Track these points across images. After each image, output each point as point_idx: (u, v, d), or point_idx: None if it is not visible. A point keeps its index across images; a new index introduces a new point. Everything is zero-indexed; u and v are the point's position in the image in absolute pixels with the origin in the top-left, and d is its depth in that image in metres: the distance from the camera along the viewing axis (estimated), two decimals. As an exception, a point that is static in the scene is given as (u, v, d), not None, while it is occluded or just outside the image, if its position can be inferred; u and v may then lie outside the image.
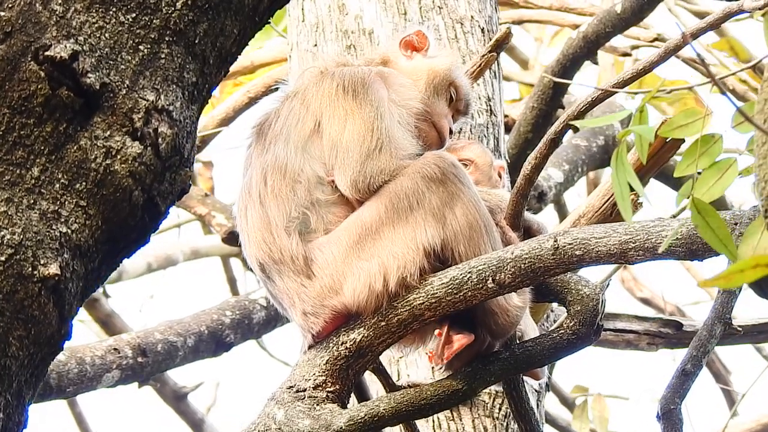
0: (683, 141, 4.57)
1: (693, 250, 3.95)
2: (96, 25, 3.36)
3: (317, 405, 4.13)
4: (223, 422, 10.63)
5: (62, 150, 3.33)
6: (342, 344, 4.18)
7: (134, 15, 3.40)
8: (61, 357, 6.80)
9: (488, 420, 5.38)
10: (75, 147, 3.34)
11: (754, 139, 3.00)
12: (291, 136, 4.32)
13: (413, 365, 5.43)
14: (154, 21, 3.41)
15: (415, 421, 4.53)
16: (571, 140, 8.38)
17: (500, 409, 5.39)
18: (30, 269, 3.28)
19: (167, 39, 3.43)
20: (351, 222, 4.24)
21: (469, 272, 4.11)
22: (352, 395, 4.30)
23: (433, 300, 4.14)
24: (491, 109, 5.83)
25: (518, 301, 4.23)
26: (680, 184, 3.43)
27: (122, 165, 3.38)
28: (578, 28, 7.88)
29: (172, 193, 3.51)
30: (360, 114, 4.29)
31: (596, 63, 8.13)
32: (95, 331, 9.82)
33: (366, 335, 4.17)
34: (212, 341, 7.65)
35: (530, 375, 4.51)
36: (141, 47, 3.40)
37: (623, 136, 3.28)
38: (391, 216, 4.20)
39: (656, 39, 8.59)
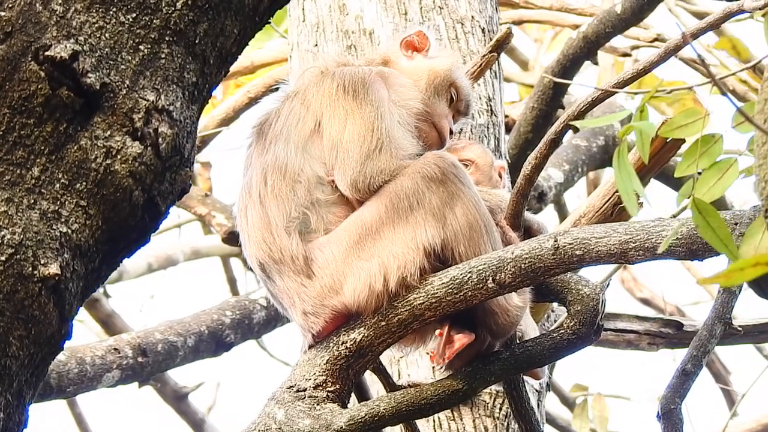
0: (684, 141, 4.57)
1: (693, 250, 3.95)
2: (96, 25, 3.36)
3: (317, 405, 4.13)
4: (224, 422, 10.63)
5: (62, 150, 3.33)
6: (342, 344, 4.18)
7: (134, 15, 3.40)
8: (62, 357, 6.80)
9: (489, 420, 5.38)
10: (75, 147, 3.34)
11: (755, 139, 3.00)
12: (291, 136, 4.31)
13: (414, 365, 5.42)
14: (155, 21, 3.41)
15: (416, 421, 4.53)
16: (571, 140, 8.37)
17: (501, 409, 5.39)
18: (30, 269, 3.28)
19: (167, 39, 3.43)
20: (351, 222, 4.24)
21: (470, 272, 4.11)
22: (353, 395, 4.30)
23: (434, 300, 4.14)
24: (492, 110, 5.83)
25: (518, 301, 4.23)
26: (680, 185, 3.43)
27: (122, 165, 3.38)
28: (578, 29, 7.87)
29: (173, 193, 3.51)
30: (360, 114, 4.29)
31: (596, 63, 8.12)
32: (96, 332, 9.81)
33: (366, 335, 4.17)
34: (212, 341, 7.65)
35: (530, 375, 4.50)
36: (141, 47, 3.40)
37: (624, 134, 3.28)
38: (392, 216, 4.20)
39: (656, 39, 8.59)
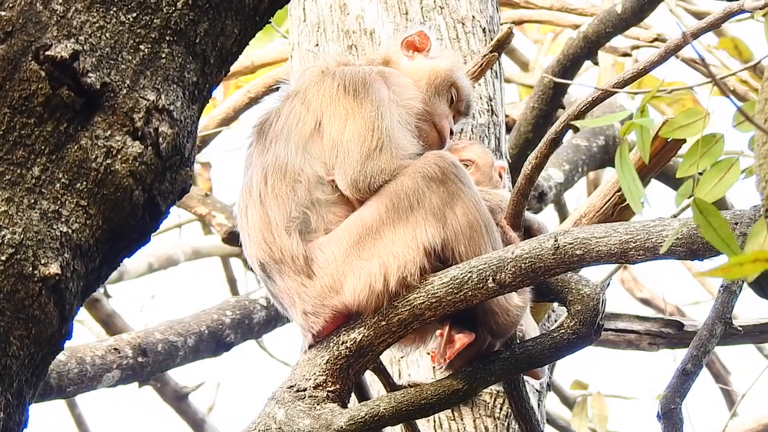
0: (684, 141, 4.57)
1: (694, 250, 3.95)
2: (97, 25, 3.36)
3: (318, 404, 4.13)
4: (224, 422, 10.63)
5: (63, 150, 3.33)
6: (342, 344, 4.18)
7: (135, 15, 3.40)
8: (62, 357, 6.80)
9: (489, 420, 5.38)
10: (76, 146, 3.34)
11: (755, 139, 3.00)
12: (291, 136, 4.31)
13: (414, 365, 5.42)
14: (155, 21, 3.41)
15: (416, 421, 4.53)
16: (572, 140, 8.37)
17: (501, 409, 5.39)
18: (30, 269, 3.28)
19: (168, 39, 3.43)
20: (351, 222, 4.24)
21: (470, 272, 4.11)
22: (353, 395, 4.30)
23: (434, 300, 4.13)
24: (492, 109, 5.83)
25: (519, 301, 4.23)
26: (680, 185, 3.42)
27: (123, 164, 3.37)
28: (579, 28, 7.88)
29: (173, 193, 3.50)
30: (361, 113, 4.29)
31: (596, 63, 8.12)
32: (96, 333, 9.80)
33: (366, 335, 4.17)
34: (212, 341, 7.65)
35: (531, 374, 4.50)
36: (142, 47, 3.40)
37: (625, 133, 3.28)
38: (392, 216, 4.20)
39: (656, 39, 8.58)
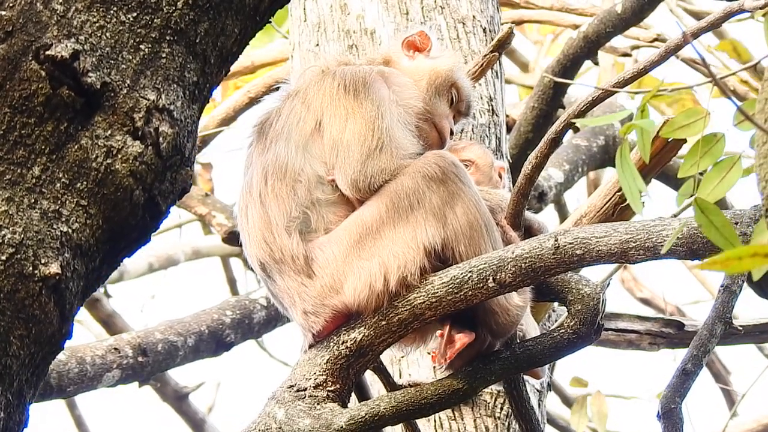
0: (685, 141, 4.57)
1: (694, 250, 3.95)
2: (97, 25, 3.36)
3: (318, 404, 4.13)
4: (223, 422, 10.63)
5: (63, 149, 3.33)
6: (342, 343, 4.18)
7: (135, 14, 3.40)
8: (62, 356, 6.79)
9: (490, 420, 5.38)
10: (76, 146, 3.34)
11: (755, 139, 3.00)
12: (292, 136, 4.31)
13: (415, 365, 5.42)
14: (155, 20, 3.41)
15: (417, 421, 4.53)
16: (572, 140, 8.37)
17: (502, 409, 5.39)
18: (31, 268, 3.28)
19: (168, 38, 3.43)
20: (351, 221, 4.24)
21: (470, 271, 4.11)
22: (353, 394, 4.30)
23: (434, 299, 4.13)
24: (493, 109, 5.83)
25: (519, 301, 4.23)
26: (681, 185, 3.42)
27: (123, 164, 3.38)
28: (579, 28, 7.88)
29: (173, 193, 3.51)
30: (361, 113, 4.29)
31: (596, 63, 8.12)
32: (96, 333, 9.79)
33: (367, 334, 4.17)
34: (212, 341, 7.65)
35: (531, 374, 4.50)
36: (142, 47, 3.40)
37: (625, 132, 3.28)
38: (392, 215, 4.20)
39: (656, 39, 8.58)
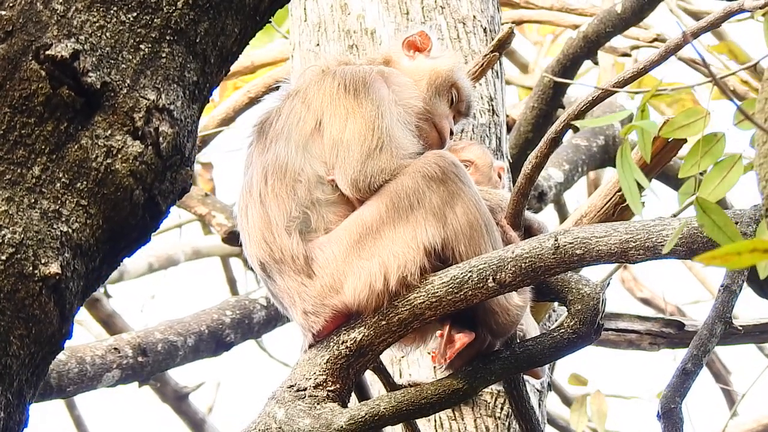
0: (685, 141, 4.57)
1: (694, 249, 3.95)
2: (97, 25, 3.36)
3: (318, 404, 4.12)
4: (223, 422, 10.63)
5: (63, 149, 3.33)
6: (342, 343, 4.18)
7: (135, 14, 3.40)
8: (62, 356, 6.79)
9: (490, 420, 5.38)
10: (76, 146, 3.34)
11: (755, 138, 3.01)
12: (292, 135, 4.31)
13: (415, 364, 5.42)
14: (155, 20, 3.41)
15: (417, 421, 4.53)
16: (571, 140, 8.37)
17: (502, 409, 5.39)
18: (31, 268, 3.28)
19: (168, 38, 3.43)
20: (351, 221, 4.24)
21: (470, 271, 4.11)
22: (353, 394, 4.30)
23: (434, 299, 4.13)
24: (493, 109, 5.82)
25: (519, 300, 4.23)
26: (681, 185, 3.42)
27: (123, 164, 3.38)
28: (579, 28, 7.88)
29: (173, 192, 3.51)
30: (361, 113, 4.29)
31: (596, 63, 8.12)
32: (95, 334, 9.79)
33: (366, 334, 4.17)
34: (212, 341, 7.65)
35: (530, 374, 4.50)
36: (142, 46, 3.40)
37: (626, 133, 3.28)
38: (392, 215, 4.20)
39: (656, 39, 8.58)
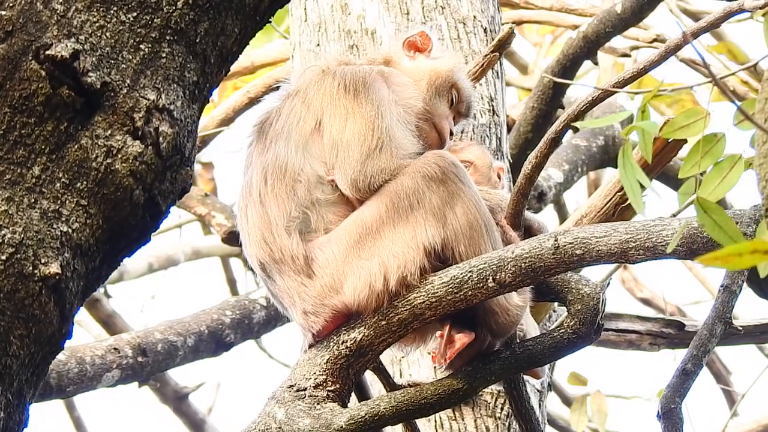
0: (685, 141, 4.57)
1: (694, 249, 3.95)
2: (97, 24, 3.36)
3: (318, 404, 4.12)
4: (223, 423, 10.63)
5: (63, 149, 3.33)
6: (342, 343, 4.18)
7: (135, 14, 3.40)
8: (61, 356, 6.79)
9: (490, 420, 5.38)
10: (76, 146, 3.34)
11: (755, 138, 3.01)
12: (292, 135, 4.31)
13: (415, 365, 5.42)
14: (155, 20, 3.41)
15: (417, 421, 4.53)
16: (571, 140, 8.37)
17: (502, 409, 5.39)
18: (31, 268, 3.28)
19: (168, 38, 3.43)
20: (351, 221, 4.24)
21: (470, 271, 4.11)
22: (353, 394, 4.30)
23: (434, 299, 4.13)
24: (494, 109, 5.82)
25: (519, 301, 4.23)
26: (681, 185, 3.42)
27: (123, 164, 3.38)
28: (578, 28, 7.88)
29: (173, 192, 3.51)
30: (361, 113, 4.29)
31: (596, 63, 8.13)
32: (95, 334, 9.79)
33: (366, 334, 4.17)
34: (212, 341, 7.65)
35: (530, 374, 4.50)
36: (142, 46, 3.40)
37: (627, 133, 3.29)
38: (392, 215, 4.20)
39: (655, 40, 8.58)
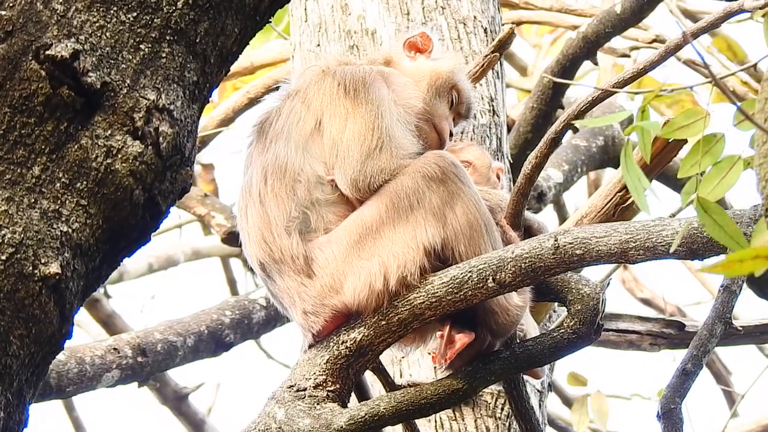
0: (686, 141, 4.57)
1: (694, 250, 3.95)
2: (97, 24, 3.36)
3: (317, 404, 4.13)
4: (223, 423, 10.63)
5: (63, 149, 3.33)
6: (342, 343, 4.18)
7: (135, 14, 3.40)
8: (61, 357, 6.79)
9: (491, 420, 5.38)
10: (76, 146, 3.34)
11: (755, 138, 3.01)
12: (292, 135, 4.31)
13: (415, 365, 5.42)
14: (155, 20, 3.41)
15: (417, 421, 4.53)
16: (571, 140, 8.37)
17: (502, 409, 5.39)
18: (31, 268, 3.28)
19: (168, 38, 3.43)
20: (351, 221, 4.24)
21: (470, 271, 4.11)
22: (353, 394, 4.30)
23: (434, 299, 4.13)
24: (494, 110, 5.82)
25: (519, 301, 4.23)
26: (681, 185, 3.42)
27: (123, 164, 3.38)
28: (578, 29, 7.88)
29: (173, 192, 3.51)
30: (361, 113, 4.29)
31: (596, 63, 8.13)
32: (95, 334, 9.78)
33: (366, 334, 4.17)
34: (212, 341, 7.65)
35: (530, 374, 4.50)
36: (142, 46, 3.40)
37: (628, 133, 3.29)
38: (392, 215, 4.20)
39: (655, 40, 8.58)
